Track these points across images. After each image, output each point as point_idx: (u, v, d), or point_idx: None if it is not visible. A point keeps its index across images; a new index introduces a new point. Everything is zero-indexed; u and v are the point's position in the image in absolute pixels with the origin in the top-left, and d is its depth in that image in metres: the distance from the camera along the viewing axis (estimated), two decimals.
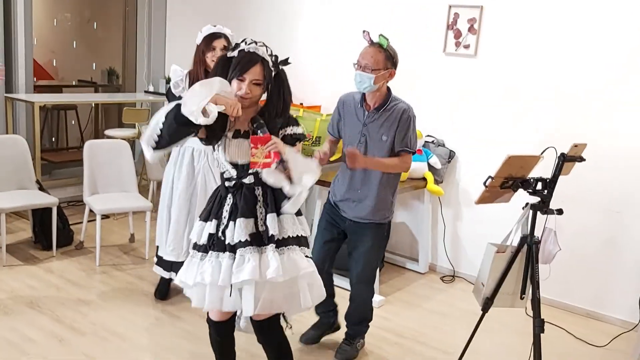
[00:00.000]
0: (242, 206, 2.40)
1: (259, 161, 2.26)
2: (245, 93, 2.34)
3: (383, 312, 4.00)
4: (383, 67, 2.97)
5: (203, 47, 3.64)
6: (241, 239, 2.36)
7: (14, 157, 4.64)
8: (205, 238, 2.45)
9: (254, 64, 2.34)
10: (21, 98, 5.37)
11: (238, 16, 5.90)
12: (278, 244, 2.40)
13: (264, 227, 2.41)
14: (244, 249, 2.36)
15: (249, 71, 2.33)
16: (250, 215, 2.41)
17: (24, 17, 5.44)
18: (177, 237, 3.74)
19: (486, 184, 2.71)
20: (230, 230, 2.39)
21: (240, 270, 2.33)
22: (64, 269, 4.32)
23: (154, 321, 3.66)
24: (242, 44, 2.39)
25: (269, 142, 2.25)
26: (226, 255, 2.38)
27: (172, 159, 3.82)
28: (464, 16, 4.51)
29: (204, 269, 2.39)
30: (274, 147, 2.26)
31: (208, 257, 2.41)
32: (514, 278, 2.86)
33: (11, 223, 5.11)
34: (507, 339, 3.76)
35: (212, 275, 2.36)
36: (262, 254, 2.37)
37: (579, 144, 2.80)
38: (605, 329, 4.03)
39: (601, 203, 4.07)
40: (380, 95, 3.07)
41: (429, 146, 4.69)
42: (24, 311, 3.65)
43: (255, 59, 2.35)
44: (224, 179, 2.48)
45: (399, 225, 5.02)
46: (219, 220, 2.45)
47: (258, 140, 2.26)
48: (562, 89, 4.16)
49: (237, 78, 2.34)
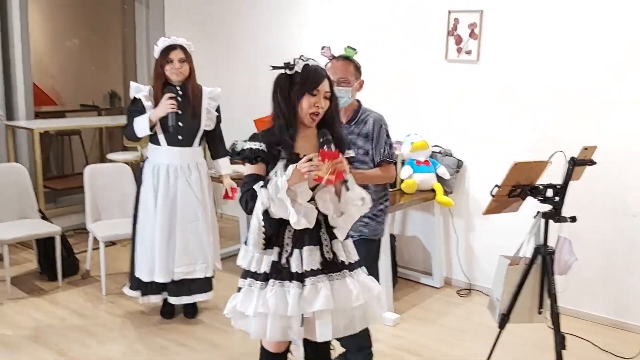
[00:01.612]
0: (309, 234, 2.32)
1: (324, 176, 2.16)
2: (320, 107, 2.28)
3: (398, 330, 3.87)
4: (355, 79, 2.90)
5: (160, 60, 3.61)
6: (312, 267, 2.29)
7: (16, 186, 4.59)
8: (266, 266, 2.33)
9: (324, 78, 2.31)
10: (21, 125, 5.32)
11: (237, 34, 5.85)
12: (348, 269, 2.38)
13: (330, 254, 2.35)
14: (315, 278, 2.29)
15: (321, 83, 2.29)
16: (316, 242, 2.34)
17: (21, 44, 5.39)
18: (165, 259, 3.69)
19: (493, 193, 2.59)
20: (297, 258, 2.30)
21: (314, 300, 2.25)
22: (70, 300, 4.23)
23: (160, 350, 3.55)
24: (300, 60, 2.31)
25: (336, 159, 2.17)
26: (293, 284, 2.28)
27: (146, 178, 3.72)
28: (464, 21, 4.40)
29: (267, 298, 2.28)
30: (341, 166, 2.18)
31: (270, 286, 2.30)
32: (530, 291, 2.72)
33: (17, 254, 5.05)
34: (528, 354, 3.60)
35: (276, 305, 2.26)
36: (332, 282, 2.32)
37: (588, 147, 2.67)
38: (632, 338, 3.85)
39: (617, 207, 3.92)
40: (351, 108, 2.98)
41: (436, 156, 4.57)
42: (27, 345, 3.56)
43: (323, 72, 2.33)
44: None
45: (410, 239, 4.90)
46: (281, 247, 2.34)
47: (327, 155, 2.17)
48: (569, 92, 4.04)
49: (309, 93, 2.27)
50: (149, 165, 3.73)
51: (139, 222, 3.77)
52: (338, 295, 2.28)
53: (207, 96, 3.76)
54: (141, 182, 3.76)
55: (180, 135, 3.66)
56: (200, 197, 3.75)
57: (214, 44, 6.05)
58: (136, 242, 3.80)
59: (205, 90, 3.78)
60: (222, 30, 5.98)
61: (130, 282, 3.89)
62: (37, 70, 7.21)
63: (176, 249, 3.69)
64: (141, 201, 3.75)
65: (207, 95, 3.76)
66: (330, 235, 2.36)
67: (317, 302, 2.24)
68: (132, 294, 3.88)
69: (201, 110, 3.72)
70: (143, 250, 3.74)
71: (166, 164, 3.67)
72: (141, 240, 3.76)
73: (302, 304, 2.25)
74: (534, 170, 2.61)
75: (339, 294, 2.29)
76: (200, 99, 3.72)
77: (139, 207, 3.77)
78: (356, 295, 2.30)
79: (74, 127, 7.07)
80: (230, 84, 5.91)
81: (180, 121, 3.62)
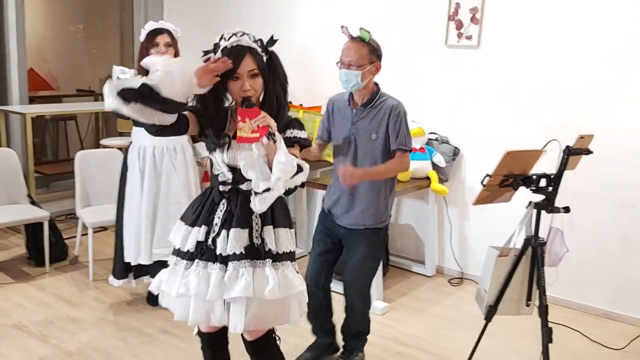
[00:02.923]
0: (238, 215, 2.20)
1: (246, 135, 2.05)
2: (247, 90, 2.13)
3: (387, 319, 3.81)
4: (368, 62, 2.80)
5: (146, 43, 3.56)
6: (235, 251, 2.17)
7: (5, 171, 4.52)
8: (192, 245, 2.23)
9: (243, 56, 2.15)
10: (14, 110, 5.25)
11: (235, 21, 5.75)
12: (273, 259, 2.22)
13: (259, 240, 2.21)
14: (237, 262, 2.16)
15: (240, 66, 2.14)
16: (246, 225, 2.20)
17: (16, 28, 5.33)
18: (150, 241, 3.66)
19: (484, 182, 2.50)
20: (223, 239, 2.18)
21: (233, 285, 2.14)
22: (56, 286, 4.17)
23: (144, 339, 3.49)
24: (222, 41, 2.18)
25: (258, 116, 2.05)
26: (216, 266, 2.17)
27: (132, 162, 3.67)
28: (466, 6, 4.30)
29: (190, 279, 2.19)
30: (263, 121, 2.05)
31: (194, 267, 2.20)
32: (519, 283, 2.65)
33: (6, 239, 5.00)
34: (516, 344, 3.54)
35: (198, 287, 2.16)
36: (255, 269, 2.18)
37: (585, 136, 2.59)
38: (623, 329, 3.80)
39: (614, 197, 3.84)
40: (368, 92, 2.89)
41: (432, 144, 4.49)
42: (10, 332, 3.50)
43: (241, 51, 2.16)
44: (219, 182, 2.26)
45: (403, 227, 4.83)
46: (209, 226, 2.23)
47: (246, 113, 2.05)
48: (570, 80, 3.95)
49: (232, 78, 2.14)
50: (134, 148, 3.68)
51: (127, 205, 3.73)
52: (257, 284, 2.15)
53: None
54: (126, 166, 3.72)
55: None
56: (184, 180, 3.71)
57: (212, 31, 5.91)
58: (123, 226, 3.75)
59: None
60: (220, 17, 5.89)
61: (115, 271, 3.84)
62: (34, 55, 7.14)
63: (156, 230, 3.66)
64: (128, 184, 3.71)
65: None
66: (262, 220, 2.23)
67: (236, 288, 2.12)
68: (117, 284, 3.83)
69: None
70: (131, 233, 3.70)
71: (152, 145, 3.63)
72: (129, 223, 3.71)
73: (220, 288, 2.14)
74: (528, 159, 2.52)
75: (257, 283, 2.15)
76: None
77: (126, 190, 3.73)
78: (271, 288, 2.14)
79: (68, 112, 7.00)
80: None
81: None
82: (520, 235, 2.65)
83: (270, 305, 2.20)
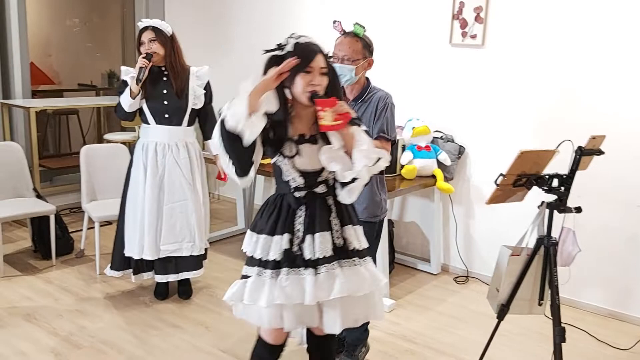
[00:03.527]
0: (319, 218, 2.22)
1: (329, 124, 2.05)
2: (317, 83, 2.13)
3: (393, 316, 3.83)
4: (362, 57, 2.82)
5: (137, 44, 3.68)
6: (326, 254, 2.20)
7: (10, 165, 4.52)
8: (278, 253, 2.21)
9: (317, 53, 2.17)
10: (17, 104, 5.25)
11: (236, 16, 5.75)
12: (359, 256, 2.30)
13: (341, 241, 2.26)
14: (329, 265, 2.20)
15: (314, 60, 2.14)
16: (328, 227, 2.24)
17: (18, 22, 5.33)
18: (154, 237, 3.70)
19: (497, 182, 2.52)
20: (309, 244, 2.20)
21: (330, 287, 2.17)
22: (63, 279, 4.18)
23: (154, 332, 3.51)
24: (291, 39, 2.19)
25: (336, 104, 2.06)
26: (308, 271, 2.19)
27: (136, 157, 3.73)
28: (470, 5, 4.31)
29: (284, 287, 2.17)
30: (342, 109, 2.07)
31: (285, 275, 2.19)
32: (531, 283, 2.67)
33: (11, 232, 5.00)
34: (526, 343, 3.57)
35: (295, 294, 2.17)
36: (343, 268, 2.23)
37: (597, 136, 2.60)
38: (629, 330, 3.82)
39: (621, 197, 3.86)
40: (359, 86, 2.90)
41: (437, 142, 4.51)
42: (19, 324, 3.52)
43: (315, 48, 2.18)
44: (292, 189, 2.24)
45: (409, 224, 4.85)
46: (291, 233, 2.24)
47: (325, 103, 2.06)
48: (575, 78, 3.96)
49: (303, 71, 2.12)
50: (139, 144, 3.76)
51: (129, 200, 3.78)
52: (349, 283, 2.20)
53: (195, 75, 3.76)
54: (132, 161, 3.78)
55: (167, 114, 3.68)
56: (189, 177, 3.74)
57: (213, 25, 5.96)
58: (125, 221, 3.79)
59: (193, 69, 3.77)
60: (222, 11, 5.89)
61: (112, 261, 3.89)
62: (35, 49, 7.12)
63: (163, 227, 3.70)
64: (131, 179, 3.76)
65: (195, 74, 3.76)
66: (340, 221, 2.27)
67: (334, 290, 2.16)
68: (113, 274, 3.87)
69: (188, 90, 3.71)
70: (133, 228, 3.73)
71: (154, 141, 3.69)
72: (132, 218, 3.74)
73: (316, 291, 2.16)
74: (541, 159, 2.54)
75: (350, 282, 2.20)
76: (186, 78, 3.72)
77: (129, 185, 3.78)
78: (369, 283, 2.24)
79: (71, 106, 6.99)
80: (230, 64, 5.83)
81: (166, 100, 3.66)
82: (533, 235, 2.67)
83: (362, 301, 2.27)
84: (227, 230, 5.25)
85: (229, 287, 2.31)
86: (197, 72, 3.77)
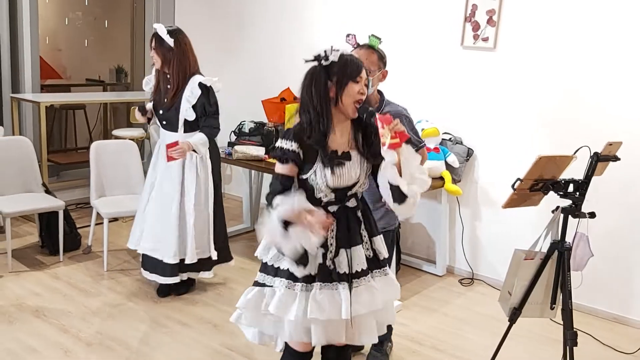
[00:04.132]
0: (353, 232, 2.26)
1: (387, 141, 2.07)
2: (365, 92, 2.21)
3: (400, 317, 3.83)
4: (377, 68, 2.85)
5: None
6: (363, 268, 2.25)
7: (20, 160, 4.53)
8: (314, 268, 2.20)
9: (362, 65, 2.23)
10: (27, 98, 5.25)
11: (247, 13, 5.75)
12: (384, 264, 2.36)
13: (370, 252, 2.31)
14: (365, 278, 2.25)
15: (363, 70, 2.21)
16: (360, 240, 2.28)
17: (29, 16, 5.34)
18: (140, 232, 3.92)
19: (514, 186, 2.53)
20: (344, 258, 2.23)
21: (367, 300, 2.22)
22: (71, 275, 4.19)
23: (162, 330, 3.52)
24: (334, 51, 2.21)
25: (393, 122, 2.08)
26: (342, 285, 2.20)
27: (152, 161, 3.94)
28: (483, 7, 4.32)
29: (319, 302, 2.17)
30: (399, 127, 2.09)
31: (318, 289, 2.19)
32: (543, 286, 2.68)
33: (18, 227, 5.00)
34: (533, 347, 3.58)
35: (327, 308, 2.17)
36: (375, 279, 2.29)
37: (613, 143, 2.61)
38: (634, 334, 3.84)
39: (627, 202, 3.88)
40: (374, 99, 2.92)
41: (446, 144, 4.52)
42: (28, 320, 3.52)
43: (359, 61, 2.24)
44: (325, 203, 2.23)
45: (415, 226, 4.86)
46: (325, 248, 2.22)
47: (384, 119, 2.08)
48: (586, 83, 3.97)
49: (353, 80, 2.17)
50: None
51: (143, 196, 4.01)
52: (385, 294, 2.27)
53: (189, 87, 3.70)
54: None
55: (165, 121, 3.80)
56: (178, 181, 3.76)
57: (223, 22, 5.96)
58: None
59: (193, 80, 3.70)
60: (231, 8, 5.89)
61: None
62: (43, 43, 7.11)
63: (145, 225, 3.87)
64: (148, 181, 3.98)
65: (189, 87, 3.70)
66: (369, 233, 2.32)
67: (375, 302, 2.22)
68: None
69: (181, 100, 3.70)
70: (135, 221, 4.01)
71: (159, 143, 3.87)
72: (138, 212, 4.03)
73: (355, 305, 2.19)
74: (558, 164, 2.55)
75: (383, 292, 2.27)
76: (180, 88, 3.69)
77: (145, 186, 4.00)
78: (397, 291, 2.34)
79: (79, 101, 6.99)
80: (239, 63, 5.83)
81: (162, 110, 3.77)
82: (546, 240, 2.68)
83: (386, 310, 2.34)
84: (234, 228, 5.26)
85: (244, 294, 2.31)
86: (192, 87, 3.68)
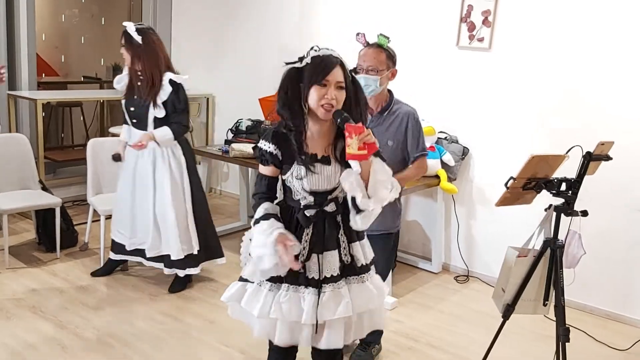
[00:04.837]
0: (328, 237, 2.19)
1: (355, 153, 1.99)
2: (331, 98, 2.06)
3: (395, 314, 3.87)
4: (386, 67, 2.87)
5: None
6: (333, 274, 2.19)
7: (17, 157, 4.54)
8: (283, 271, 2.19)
9: (334, 66, 2.09)
10: (24, 95, 5.26)
11: (245, 11, 5.77)
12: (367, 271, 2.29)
13: (348, 258, 2.23)
14: (335, 284, 2.19)
15: (331, 73, 2.07)
16: (335, 246, 2.21)
17: (26, 13, 5.35)
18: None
19: (507, 185, 2.56)
20: (315, 263, 2.19)
21: (333, 307, 2.16)
22: (68, 272, 4.21)
23: (158, 326, 3.54)
24: (312, 51, 2.14)
25: (363, 133, 1.98)
26: (309, 290, 2.18)
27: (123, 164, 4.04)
28: (478, 8, 4.35)
29: (281, 304, 2.17)
30: (369, 138, 2.00)
31: (284, 291, 2.19)
32: (536, 283, 2.72)
33: (15, 224, 5.02)
34: (526, 343, 3.62)
35: (290, 311, 2.17)
36: (351, 285, 2.23)
37: (605, 142, 2.64)
38: (627, 331, 3.88)
39: (621, 202, 3.91)
40: (383, 98, 2.95)
41: (442, 143, 4.55)
42: (25, 316, 3.54)
43: (333, 60, 2.10)
44: (302, 207, 2.18)
45: (411, 223, 4.89)
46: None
47: (354, 129, 1.98)
48: (580, 83, 4.00)
49: (318, 84, 2.06)
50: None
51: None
52: (357, 300, 2.20)
53: (162, 86, 3.74)
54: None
55: (135, 119, 3.83)
56: (150, 178, 3.83)
57: (220, 19, 5.98)
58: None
59: (164, 77, 3.74)
60: (229, 5, 5.90)
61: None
62: (40, 40, 7.12)
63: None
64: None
65: (163, 86, 3.74)
66: (348, 238, 2.23)
67: (338, 310, 2.15)
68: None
69: (155, 99, 3.74)
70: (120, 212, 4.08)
71: (129, 143, 3.87)
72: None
73: (320, 310, 2.15)
74: (550, 163, 2.58)
75: (358, 299, 2.20)
76: (155, 84, 3.72)
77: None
78: (376, 299, 2.26)
79: (76, 99, 7.00)
80: (237, 61, 5.85)
81: (133, 107, 3.82)
82: (539, 237, 2.71)
83: (367, 315, 2.28)
84: (230, 225, 5.28)
85: (228, 288, 2.34)
86: (164, 86, 3.72)
